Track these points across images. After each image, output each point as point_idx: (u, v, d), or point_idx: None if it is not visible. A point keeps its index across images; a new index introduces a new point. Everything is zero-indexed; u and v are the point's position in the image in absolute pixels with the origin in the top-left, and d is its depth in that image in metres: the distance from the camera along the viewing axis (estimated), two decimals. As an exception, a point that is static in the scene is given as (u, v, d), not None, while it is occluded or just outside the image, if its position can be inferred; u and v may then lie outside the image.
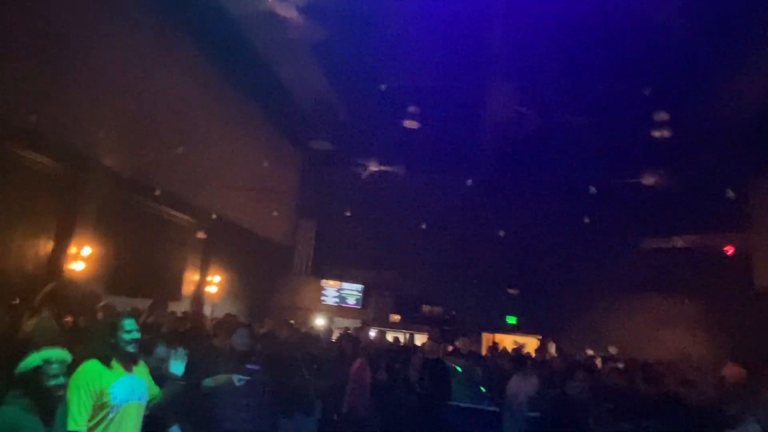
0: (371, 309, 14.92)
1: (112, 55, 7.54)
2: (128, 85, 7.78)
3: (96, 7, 7.18)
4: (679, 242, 12.68)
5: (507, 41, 8.23)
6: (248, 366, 4.70)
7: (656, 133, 9.09)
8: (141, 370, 3.07)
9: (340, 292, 15.25)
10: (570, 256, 13.09)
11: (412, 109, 9.54)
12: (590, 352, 10.64)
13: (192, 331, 5.97)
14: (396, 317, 14.47)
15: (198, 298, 10.42)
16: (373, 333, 10.61)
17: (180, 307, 9.11)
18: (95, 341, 2.94)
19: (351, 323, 12.77)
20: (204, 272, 10.94)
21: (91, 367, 2.72)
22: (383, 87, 9.69)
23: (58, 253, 7.21)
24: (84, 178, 7.42)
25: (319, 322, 13.16)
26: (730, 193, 9.44)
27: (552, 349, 11.94)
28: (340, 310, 14.89)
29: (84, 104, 7.12)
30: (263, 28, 8.45)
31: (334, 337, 8.56)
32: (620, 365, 8.13)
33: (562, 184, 11.81)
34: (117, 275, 8.16)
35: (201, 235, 10.47)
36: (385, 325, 13.65)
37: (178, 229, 10.00)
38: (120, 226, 8.21)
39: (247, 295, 12.25)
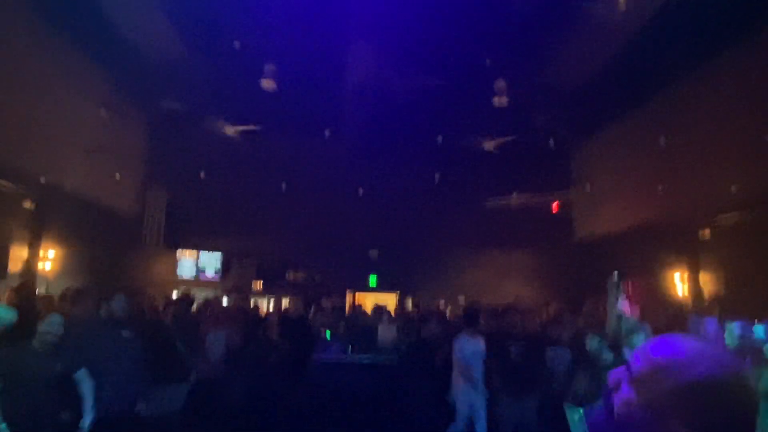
0: (232, 278, 14.54)
1: None
2: None
3: None
4: (515, 201, 14.10)
5: (364, 4, 8.39)
6: (123, 333, 4.52)
7: (496, 101, 10.03)
8: None
9: (198, 262, 14.64)
10: (423, 215, 13.95)
11: (268, 68, 9.34)
12: (441, 303, 11.65)
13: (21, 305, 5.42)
14: (259, 284, 14.33)
15: (27, 274, 9.30)
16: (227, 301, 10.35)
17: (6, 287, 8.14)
18: None
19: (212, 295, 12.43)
20: (34, 247, 9.76)
21: None
22: (237, 45, 9.36)
23: None
24: None
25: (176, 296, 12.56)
26: (551, 142, 10.54)
27: (409, 303, 12.82)
28: (198, 282, 14.28)
29: None
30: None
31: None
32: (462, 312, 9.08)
33: (416, 145, 12.46)
34: None
35: (28, 203, 9.35)
36: (248, 293, 13.46)
37: (-1, 197, 8.80)
38: None
39: (90, 271, 11.20)
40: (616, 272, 5.00)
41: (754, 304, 6.38)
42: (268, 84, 9.61)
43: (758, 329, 2.95)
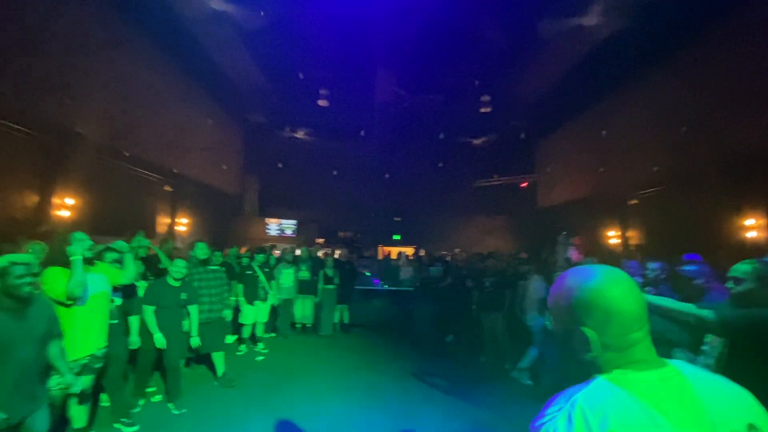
0: (303, 236, 14.82)
1: (88, 46, 6.59)
2: (102, 74, 6.89)
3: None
4: (495, 180, 13.83)
5: (386, 44, 8.19)
6: (210, 267, 4.64)
7: (482, 110, 9.75)
8: (101, 268, 2.94)
9: (280, 226, 14.96)
10: (431, 192, 13.85)
11: (323, 91, 9.30)
12: (444, 252, 11.61)
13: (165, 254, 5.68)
14: (321, 240, 14.58)
15: (170, 234, 9.72)
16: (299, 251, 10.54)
17: (156, 242, 8.53)
18: (57, 253, 2.66)
19: (289, 246, 12.66)
20: (173, 216, 10.16)
21: (54, 271, 2.56)
22: (301, 75, 9.32)
23: (46, 207, 6.33)
24: (66, 147, 6.46)
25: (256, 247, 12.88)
26: (522, 135, 10.18)
27: (422, 252, 12.83)
28: (280, 239, 14.61)
29: (67, 89, 6.24)
30: (209, 27, 7.66)
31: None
32: (462, 255, 9.03)
33: (425, 142, 12.28)
34: (101, 221, 7.33)
35: (167, 188, 9.68)
36: (313, 246, 13.72)
37: (148, 184, 9.11)
38: (102, 184, 7.29)
39: (209, 232, 11.58)
40: (564, 232, 4.90)
41: (665, 252, 6.18)
42: (322, 102, 9.57)
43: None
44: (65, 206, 6.63)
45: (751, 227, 6.37)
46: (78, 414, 2.79)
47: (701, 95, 7.03)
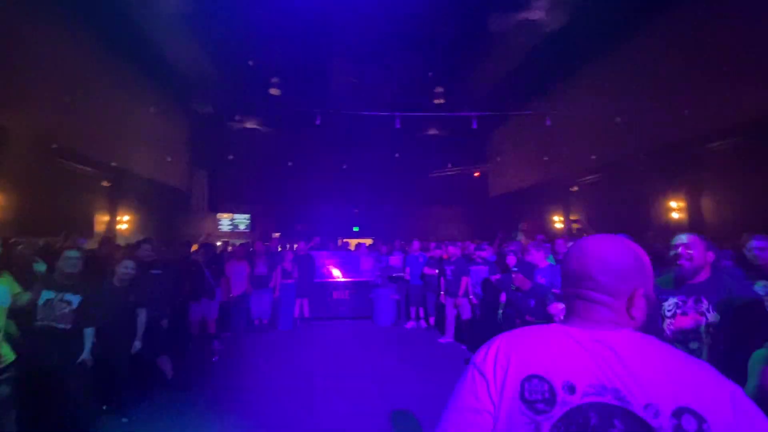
0: (258, 231, 14.36)
1: (12, 29, 5.79)
2: (30, 61, 6.10)
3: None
4: (450, 171, 14.14)
5: (340, 31, 7.98)
6: (152, 271, 4.33)
7: (435, 100, 9.87)
8: (3, 280, 2.67)
9: (233, 221, 14.37)
10: (387, 183, 13.89)
11: (274, 80, 8.93)
12: (403, 242, 11.73)
13: (103, 250, 5.26)
14: (277, 234, 14.18)
15: (110, 233, 8.97)
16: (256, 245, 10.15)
17: (95, 243, 7.85)
18: None
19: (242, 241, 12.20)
20: (113, 213, 9.39)
21: None
22: (251, 63, 8.88)
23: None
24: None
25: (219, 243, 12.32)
26: (474, 124, 10.38)
27: (379, 243, 12.87)
28: (233, 234, 14.06)
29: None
30: (150, 9, 7.02)
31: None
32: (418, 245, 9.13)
33: (382, 132, 12.20)
34: (30, 221, 6.56)
35: (105, 183, 8.91)
36: (269, 240, 13.30)
37: (83, 179, 8.33)
38: (30, 181, 6.53)
39: (155, 230, 10.84)
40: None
41: (604, 230, 6.64)
42: (274, 91, 9.21)
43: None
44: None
45: (674, 209, 7.06)
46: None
47: (633, 88, 7.61)
